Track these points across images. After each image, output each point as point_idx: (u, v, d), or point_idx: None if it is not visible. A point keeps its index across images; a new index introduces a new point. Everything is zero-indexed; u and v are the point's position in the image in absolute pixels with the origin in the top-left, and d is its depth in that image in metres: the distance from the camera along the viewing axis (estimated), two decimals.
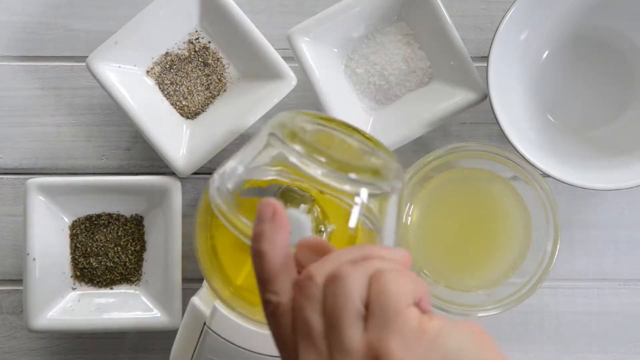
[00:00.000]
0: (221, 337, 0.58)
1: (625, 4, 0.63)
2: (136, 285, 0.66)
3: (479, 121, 0.68)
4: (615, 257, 0.68)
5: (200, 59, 0.65)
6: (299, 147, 0.46)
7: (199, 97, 0.65)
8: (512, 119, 0.61)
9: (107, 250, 0.65)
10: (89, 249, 0.65)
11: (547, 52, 0.66)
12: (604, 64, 0.66)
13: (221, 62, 0.66)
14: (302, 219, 0.55)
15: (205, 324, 0.58)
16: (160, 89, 0.65)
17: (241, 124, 0.63)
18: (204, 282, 0.60)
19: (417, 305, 0.37)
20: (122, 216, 0.66)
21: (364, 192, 0.46)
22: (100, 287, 0.66)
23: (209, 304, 0.59)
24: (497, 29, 0.60)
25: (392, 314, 0.35)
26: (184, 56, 0.65)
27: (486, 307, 0.61)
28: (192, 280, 0.65)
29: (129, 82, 0.63)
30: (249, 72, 0.65)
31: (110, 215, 0.66)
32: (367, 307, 0.36)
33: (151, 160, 0.67)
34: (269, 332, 0.40)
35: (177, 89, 0.65)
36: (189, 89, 0.65)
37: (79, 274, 0.65)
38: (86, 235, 0.65)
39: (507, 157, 0.61)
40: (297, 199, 0.57)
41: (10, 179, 0.68)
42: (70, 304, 0.64)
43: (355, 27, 0.64)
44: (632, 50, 0.65)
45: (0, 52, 0.67)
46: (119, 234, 0.65)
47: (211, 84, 0.66)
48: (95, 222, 0.66)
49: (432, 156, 0.61)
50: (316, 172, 0.45)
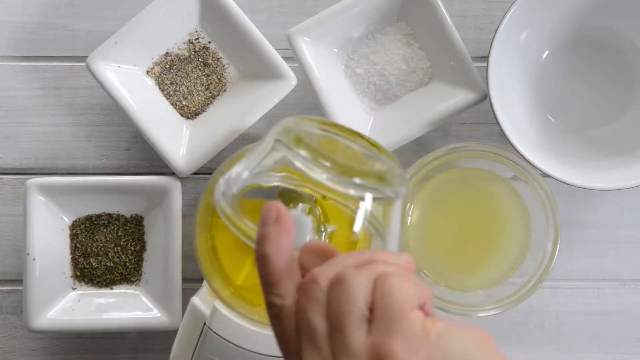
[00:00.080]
0: (221, 337, 0.58)
1: (625, 4, 0.63)
2: (136, 285, 0.66)
3: (479, 121, 0.68)
4: (615, 257, 0.68)
5: (200, 59, 0.65)
6: (304, 152, 0.46)
7: (199, 97, 0.65)
8: (512, 119, 0.61)
9: (107, 250, 0.65)
10: (89, 249, 0.65)
11: (547, 52, 0.66)
12: (604, 64, 0.66)
13: (221, 62, 0.66)
14: (303, 219, 0.55)
15: (205, 324, 0.58)
16: (160, 89, 0.65)
17: (241, 124, 0.63)
18: (204, 282, 0.60)
19: (421, 308, 0.37)
20: (122, 216, 0.66)
21: (369, 196, 0.46)
22: (100, 287, 0.66)
23: (209, 304, 0.59)
24: (497, 29, 0.60)
25: (396, 316, 0.36)
26: (184, 56, 0.65)
27: (486, 307, 0.61)
28: (192, 280, 0.65)
29: (129, 82, 0.63)
30: (249, 72, 0.65)
31: (110, 215, 0.66)
32: (372, 310, 0.36)
33: (151, 160, 0.67)
34: (273, 334, 0.40)
35: (177, 89, 0.65)
36: (189, 89, 0.65)
37: (79, 274, 0.65)
38: (86, 235, 0.65)
39: (507, 157, 0.61)
40: (297, 198, 0.57)
41: (10, 179, 0.68)
42: (70, 304, 0.64)
43: (355, 27, 0.64)
44: (632, 50, 0.65)
45: (0, 52, 0.67)
46: (119, 234, 0.65)
47: (211, 84, 0.65)
48: (95, 222, 0.66)
49: (432, 156, 0.61)
50: (321, 176, 0.45)
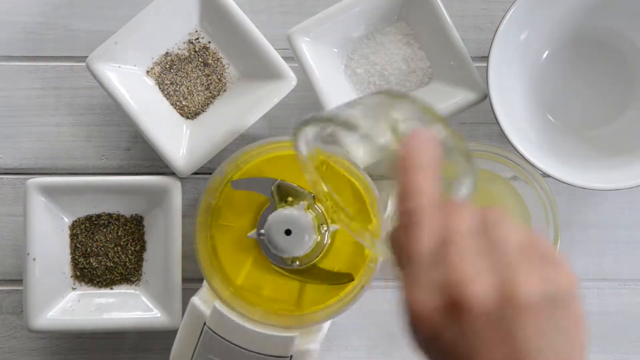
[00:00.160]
0: (221, 337, 0.58)
1: (625, 4, 0.63)
2: (136, 285, 0.66)
3: (479, 121, 0.67)
4: (615, 257, 0.68)
5: (200, 59, 0.65)
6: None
7: (199, 97, 0.65)
8: (512, 119, 0.61)
9: (107, 250, 0.65)
10: (89, 249, 0.65)
11: (547, 52, 0.66)
12: (604, 64, 0.66)
13: (221, 62, 0.66)
14: (301, 216, 0.55)
15: (205, 324, 0.58)
16: (160, 89, 0.65)
17: (241, 124, 0.63)
18: (204, 282, 0.60)
19: None
20: (122, 216, 0.66)
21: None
22: (100, 287, 0.66)
23: (209, 304, 0.59)
24: (497, 29, 0.60)
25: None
26: (184, 56, 0.65)
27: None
28: (192, 280, 0.65)
29: (129, 82, 0.63)
30: (249, 72, 0.65)
31: (110, 215, 0.66)
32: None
33: (151, 160, 0.67)
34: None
35: (177, 89, 0.65)
36: (189, 89, 0.65)
37: (79, 274, 0.65)
38: (86, 235, 0.65)
39: (507, 157, 0.61)
40: (294, 194, 0.57)
41: (10, 179, 0.68)
42: (70, 304, 0.64)
43: (355, 27, 0.64)
44: (632, 50, 0.65)
45: (0, 52, 0.67)
46: (119, 234, 0.65)
47: (211, 84, 0.65)
48: (95, 222, 0.65)
49: None
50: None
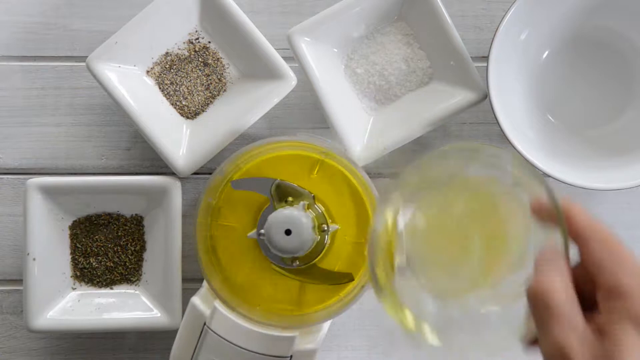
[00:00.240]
0: (221, 337, 0.58)
1: (625, 4, 0.63)
2: (136, 285, 0.66)
3: (479, 121, 0.68)
4: None
5: (200, 59, 0.65)
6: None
7: (199, 97, 0.65)
8: (512, 119, 0.61)
9: (107, 250, 0.65)
10: (89, 249, 0.65)
11: (547, 52, 0.66)
12: (604, 64, 0.66)
13: (221, 62, 0.66)
14: (301, 217, 0.55)
15: (205, 324, 0.58)
16: (160, 89, 0.65)
17: (241, 124, 0.63)
18: (204, 282, 0.60)
19: None
20: (122, 216, 0.66)
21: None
22: (100, 287, 0.66)
23: (209, 304, 0.59)
24: (497, 29, 0.60)
25: None
26: (184, 56, 0.65)
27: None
28: (192, 280, 0.65)
29: (129, 82, 0.63)
30: (249, 72, 0.65)
31: (110, 215, 0.66)
32: None
33: (151, 160, 0.67)
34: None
35: (177, 89, 0.65)
36: (189, 89, 0.65)
37: (79, 274, 0.65)
38: (86, 235, 0.65)
39: None
40: (294, 193, 0.57)
41: (10, 179, 0.68)
42: (70, 304, 0.64)
43: (355, 27, 0.64)
44: (632, 50, 0.65)
45: (0, 52, 0.67)
46: (119, 234, 0.65)
47: (211, 84, 0.65)
48: (95, 222, 0.65)
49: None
50: None
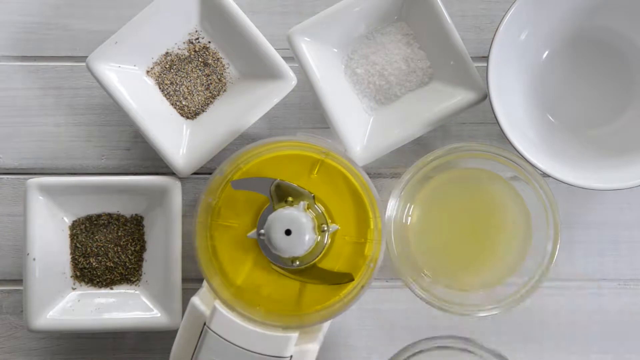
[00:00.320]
0: (221, 337, 0.58)
1: (625, 4, 0.63)
2: (136, 285, 0.66)
3: (479, 121, 0.67)
4: (615, 257, 0.68)
5: (200, 59, 0.65)
6: None
7: (199, 97, 0.65)
8: (512, 119, 0.61)
9: (107, 250, 0.65)
10: (89, 249, 0.65)
11: (547, 52, 0.66)
12: (604, 64, 0.66)
13: (221, 62, 0.66)
14: (301, 216, 0.55)
15: (205, 324, 0.58)
16: (160, 89, 0.65)
17: (241, 124, 0.63)
18: (204, 282, 0.60)
19: None
20: (122, 216, 0.66)
21: None
22: (100, 287, 0.66)
23: (209, 304, 0.59)
24: (497, 29, 0.60)
25: None
26: (184, 56, 0.65)
27: (486, 308, 0.61)
28: (192, 280, 0.65)
29: (129, 82, 0.63)
30: (249, 72, 0.65)
31: (110, 215, 0.66)
32: None
33: (151, 160, 0.67)
34: None
35: (177, 89, 0.65)
36: (189, 89, 0.65)
37: (79, 274, 0.65)
38: (86, 235, 0.65)
39: (507, 157, 0.61)
40: (294, 193, 0.57)
41: (10, 179, 0.67)
42: (70, 304, 0.64)
43: (355, 27, 0.64)
44: (632, 50, 0.65)
45: (0, 52, 0.67)
46: (119, 234, 0.65)
47: (211, 84, 0.65)
48: (95, 222, 0.65)
49: (432, 156, 0.61)
50: None
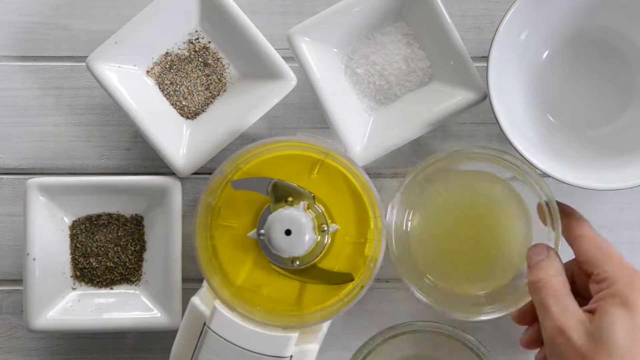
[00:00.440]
0: (221, 337, 0.58)
1: (625, 4, 0.63)
2: (136, 285, 0.66)
3: (479, 121, 0.67)
4: None
5: (200, 59, 0.65)
6: None
7: (199, 97, 0.65)
8: (512, 119, 0.61)
9: (107, 250, 0.65)
10: (89, 249, 0.65)
11: (547, 52, 0.66)
12: (604, 64, 0.66)
13: (221, 62, 0.66)
14: (301, 217, 0.55)
15: (205, 324, 0.58)
16: (160, 89, 0.65)
17: (241, 124, 0.63)
18: (204, 282, 0.60)
19: None
20: (122, 216, 0.66)
21: None
22: (100, 287, 0.66)
23: (209, 304, 0.59)
24: (497, 29, 0.60)
25: None
26: (184, 56, 0.65)
27: (487, 310, 0.61)
28: (192, 280, 0.65)
29: (129, 82, 0.63)
30: (249, 72, 0.65)
31: (110, 215, 0.66)
32: None
33: (151, 160, 0.67)
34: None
35: (177, 89, 0.65)
36: (189, 89, 0.65)
37: (79, 274, 0.65)
38: (86, 235, 0.65)
39: (506, 159, 0.61)
40: (293, 193, 0.57)
41: (10, 179, 0.68)
42: (70, 304, 0.64)
43: (355, 27, 0.64)
44: (632, 50, 0.65)
45: (0, 52, 0.67)
46: (119, 234, 0.65)
47: (211, 84, 0.65)
48: (95, 222, 0.65)
49: (432, 160, 0.61)
50: None
